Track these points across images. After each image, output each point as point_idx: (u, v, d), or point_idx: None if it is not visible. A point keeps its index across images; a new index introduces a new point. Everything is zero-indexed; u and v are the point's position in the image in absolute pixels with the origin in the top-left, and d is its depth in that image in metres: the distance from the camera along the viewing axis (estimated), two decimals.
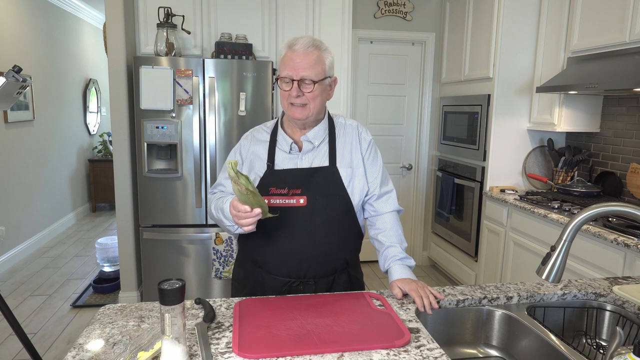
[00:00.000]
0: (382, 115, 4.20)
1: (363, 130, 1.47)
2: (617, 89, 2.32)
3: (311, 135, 1.39)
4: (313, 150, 1.40)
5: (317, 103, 1.33)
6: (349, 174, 1.38)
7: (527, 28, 3.12)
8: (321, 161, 1.38)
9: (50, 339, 2.86)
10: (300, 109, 1.32)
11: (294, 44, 1.30)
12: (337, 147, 1.41)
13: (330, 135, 1.42)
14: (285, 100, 1.34)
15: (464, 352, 1.32)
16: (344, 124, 1.46)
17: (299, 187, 1.34)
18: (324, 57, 1.32)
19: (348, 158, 1.40)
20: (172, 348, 0.92)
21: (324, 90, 1.35)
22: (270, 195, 1.34)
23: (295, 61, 1.29)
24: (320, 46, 1.32)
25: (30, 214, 4.53)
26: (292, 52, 1.30)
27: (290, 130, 1.42)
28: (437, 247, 4.12)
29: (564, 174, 3.08)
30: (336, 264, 1.39)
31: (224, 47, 3.06)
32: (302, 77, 1.29)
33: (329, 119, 1.45)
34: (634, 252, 2.01)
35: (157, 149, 3.03)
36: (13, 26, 4.21)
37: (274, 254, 1.37)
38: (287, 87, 1.31)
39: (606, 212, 1.01)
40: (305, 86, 1.30)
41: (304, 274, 1.36)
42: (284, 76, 1.31)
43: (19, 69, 1.95)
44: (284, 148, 1.40)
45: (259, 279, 1.41)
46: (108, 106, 5.34)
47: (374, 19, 4.00)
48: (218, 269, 3.06)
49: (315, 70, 1.29)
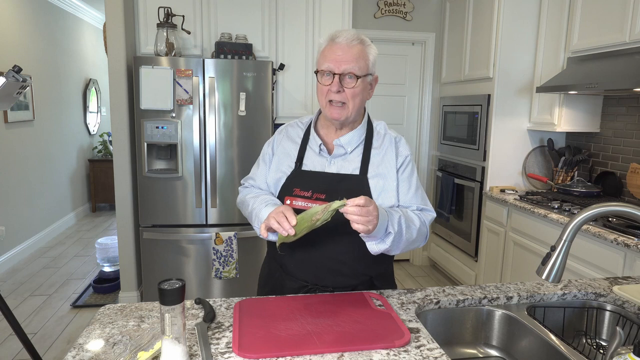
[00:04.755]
0: (382, 115, 4.20)
1: (402, 144, 1.35)
2: (617, 89, 2.32)
3: (345, 141, 1.30)
4: (344, 155, 1.31)
5: (357, 102, 1.25)
6: (379, 186, 1.28)
7: (527, 28, 3.12)
8: (351, 169, 1.29)
9: (50, 339, 2.86)
10: (338, 109, 1.24)
11: (336, 36, 1.23)
12: (371, 156, 1.30)
13: (367, 143, 1.32)
14: (323, 97, 1.25)
15: (464, 352, 1.32)
16: (382, 134, 1.35)
17: (324, 192, 1.26)
18: (368, 52, 1.25)
19: (380, 169, 1.29)
20: (172, 348, 0.92)
21: (365, 88, 1.27)
22: (293, 196, 1.28)
23: (337, 53, 1.21)
24: (365, 41, 1.25)
25: (30, 214, 4.53)
26: (334, 44, 1.23)
27: (325, 130, 1.34)
28: (437, 247, 4.12)
29: (564, 174, 3.08)
30: (355, 277, 1.31)
31: (224, 47, 3.06)
32: (344, 71, 1.21)
33: (368, 125, 1.35)
34: (634, 252, 2.01)
35: (157, 149, 3.03)
36: (13, 26, 4.21)
37: (292, 257, 1.32)
38: (327, 81, 1.23)
39: (606, 212, 1.01)
40: (347, 81, 1.22)
41: (322, 281, 1.31)
42: (324, 69, 1.22)
43: (19, 69, 1.95)
44: (314, 148, 1.33)
45: (279, 278, 1.39)
46: (108, 106, 5.34)
47: (374, 19, 4.00)
48: (218, 269, 3.06)
49: (359, 64, 1.22)
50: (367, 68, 1.25)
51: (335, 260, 1.29)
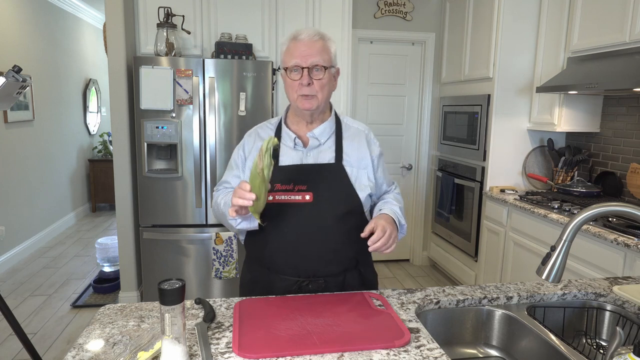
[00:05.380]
0: (382, 115, 4.21)
1: (372, 138, 1.47)
2: (617, 89, 2.32)
3: (318, 132, 1.38)
4: (319, 147, 1.39)
5: (326, 93, 1.33)
6: (354, 173, 1.38)
7: (527, 28, 3.12)
8: (327, 158, 1.38)
9: (50, 339, 2.86)
10: (309, 100, 1.32)
11: (298, 34, 1.31)
12: (343, 146, 1.40)
13: (337, 133, 1.42)
14: (293, 92, 1.32)
15: (464, 352, 1.32)
16: (350, 125, 1.46)
17: (305, 183, 1.33)
18: (330, 45, 1.34)
19: (355, 158, 1.40)
20: (172, 348, 0.92)
21: (331, 80, 1.35)
22: (275, 191, 1.32)
23: (302, 49, 1.29)
24: (325, 36, 1.34)
25: (30, 214, 4.53)
26: (297, 41, 1.30)
27: (296, 126, 1.41)
28: (437, 247, 4.12)
29: (564, 174, 3.08)
30: (346, 263, 1.38)
31: (224, 47, 3.06)
32: (311, 64, 1.28)
33: (336, 118, 1.45)
34: (634, 252, 2.01)
35: (157, 149, 3.03)
36: (13, 26, 4.21)
37: (281, 251, 1.35)
38: (296, 76, 1.29)
39: (606, 212, 1.01)
40: (315, 74, 1.29)
41: (313, 273, 1.35)
42: (292, 65, 1.29)
43: (19, 69, 1.95)
44: (288, 144, 1.39)
45: (266, 281, 1.38)
46: (108, 106, 5.34)
47: (374, 19, 4.00)
48: (218, 269, 3.06)
49: (324, 57, 1.30)
50: (331, 60, 1.33)
51: (327, 247, 1.34)
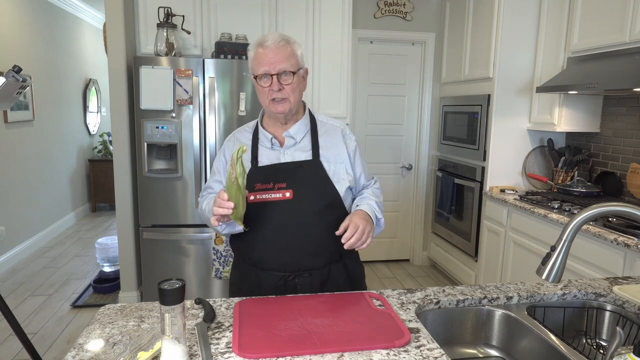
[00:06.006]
0: (382, 115, 4.20)
1: (347, 134, 1.50)
2: (617, 89, 2.32)
3: (293, 131, 1.42)
4: (295, 145, 1.43)
5: (297, 95, 1.37)
6: (331, 169, 1.41)
7: (527, 28, 3.12)
8: (304, 156, 1.41)
9: (50, 339, 2.86)
10: (281, 104, 1.35)
11: (264, 40, 1.33)
12: (319, 142, 1.44)
13: (312, 131, 1.45)
14: (265, 98, 1.36)
15: (464, 352, 1.32)
16: (325, 122, 1.50)
17: (284, 180, 1.36)
18: (295, 49, 1.36)
19: (331, 153, 1.43)
20: (172, 348, 0.92)
21: (300, 81, 1.39)
22: (256, 191, 1.36)
23: (269, 56, 1.31)
24: (290, 39, 1.36)
25: (30, 214, 4.53)
26: (264, 49, 1.32)
27: (272, 127, 1.45)
28: (437, 247, 4.12)
29: (564, 174, 3.08)
30: (329, 256, 1.40)
31: (224, 47, 3.06)
32: (279, 71, 1.31)
33: (310, 116, 1.48)
34: (634, 252, 2.01)
35: (157, 149, 3.03)
36: (13, 26, 4.21)
37: (266, 248, 1.38)
38: (266, 83, 1.33)
39: (606, 212, 1.01)
40: (284, 79, 1.33)
41: (298, 267, 1.38)
42: (261, 73, 1.32)
43: (19, 69, 1.95)
44: (266, 144, 1.43)
45: (254, 278, 1.42)
46: (108, 106, 5.34)
47: (374, 19, 4.00)
48: (218, 269, 3.06)
49: (291, 61, 1.33)
50: (298, 63, 1.37)
51: (311, 241, 1.37)
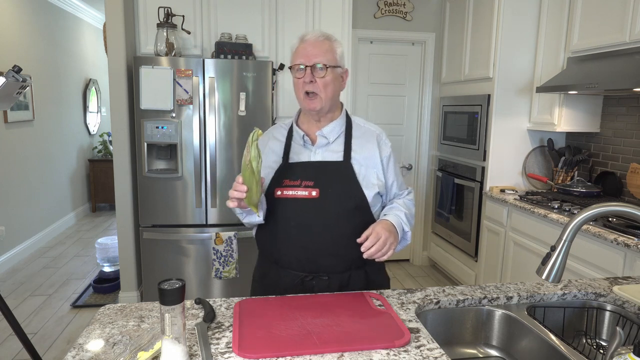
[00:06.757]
0: (382, 115, 4.20)
1: (383, 139, 1.48)
2: (617, 89, 2.32)
3: (327, 131, 1.42)
4: (327, 145, 1.42)
5: (329, 92, 1.36)
6: (362, 172, 1.39)
7: (527, 28, 3.12)
8: (335, 157, 1.40)
9: (50, 339, 2.86)
10: (313, 100, 1.36)
11: (305, 35, 1.38)
12: (352, 145, 1.42)
13: (347, 133, 1.44)
14: (299, 91, 1.37)
15: (464, 352, 1.32)
16: (361, 125, 1.48)
17: (312, 179, 1.36)
18: (335, 46, 1.38)
19: (363, 157, 1.41)
20: (172, 348, 0.92)
21: (336, 79, 1.38)
22: (283, 186, 1.36)
23: (307, 49, 1.35)
24: (331, 37, 1.39)
25: (30, 214, 4.53)
26: (304, 42, 1.37)
27: (306, 124, 1.45)
28: (437, 247, 4.12)
29: (564, 174, 3.08)
30: (350, 261, 1.37)
31: (224, 47, 3.06)
32: (314, 63, 1.33)
33: (346, 117, 1.47)
34: (634, 252, 2.01)
35: (157, 149, 3.03)
36: (13, 26, 4.21)
37: (287, 245, 1.37)
38: (300, 74, 1.35)
39: (606, 212, 1.01)
40: (318, 72, 1.33)
41: (317, 268, 1.36)
42: (297, 64, 1.35)
43: (19, 69, 1.95)
44: (298, 141, 1.44)
45: (274, 276, 1.42)
46: (108, 106, 5.34)
47: (374, 19, 4.00)
48: (218, 269, 3.06)
49: (327, 56, 1.35)
50: (336, 60, 1.37)
51: (333, 243, 1.35)
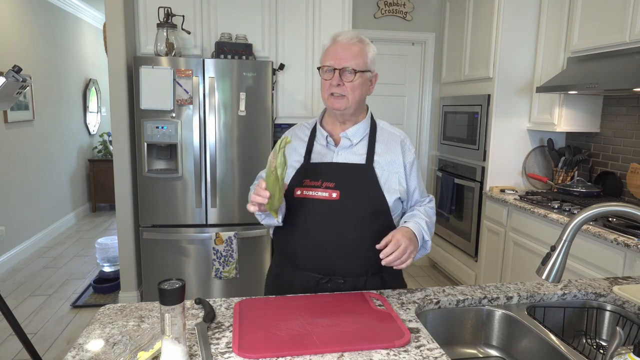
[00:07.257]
0: (382, 115, 4.12)
1: (407, 144, 1.45)
2: (617, 89, 2.32)
3: (350, 133, 1.40)
4: (350, 147, 1.40)
5: (357, 95, 1.34)
6: (384, 176, 1.37)
7: (527, 28, 3.12)
8: (357, 159, 1.38)
9: (50, 339, 2.86)
10: (339, 100, 1.34)
11: (338, 35, 1.35)
12: (376, 148, 1.40)
13: (371, 136, 1.42)
14: (325, 91, 1.36)
15: (464, 352, 1.32)
16: (387, 130, 1.46)
17: (333, 181, 1.34)
18: (367, 50, 1.35)
19: (386, 161, 1.39)
20: (172, 348, 0.92)
21: (364, 83, 1.36)
22: (303, 186, 1.35)
23: (338, 51, 1.32)
24: (364, 40, 1.36)
25: (30, 214, 4.53)
26: (335, 43, 1.34)
27: (331, 125, 1.44)
28: (437, 247, 4.12)
29: (564, 174, 3.08)
30: (367, 265, 1.35)
31: (224, 47, 3.06)
32: (344, 67, 1.31)
33: (371, 121, 1.45)
34: (634, 252, 2.01)
35: (157, 149, 3.03)
36: (13, 26, 4.21)
37: (304, 245, 1.36)
38: (329, 76, 1.33)
39: (606, 212, 1.01)
40: (347, 75, 1.31)
41: (333, 270, 1.35)
42: (326, 65, 1.33)
43: (19, 69, 1.95)
44: (321, 142, 1.42)
45: (288, 276, 1.41)
46: (108, 106, 5.33)
47: (374, 19, 4.00)
48: (218, 269, 3.06)
49: (357, 60, 1.32)
50: (366, 65, 1.34)
51: (350, 246, 1.33)
